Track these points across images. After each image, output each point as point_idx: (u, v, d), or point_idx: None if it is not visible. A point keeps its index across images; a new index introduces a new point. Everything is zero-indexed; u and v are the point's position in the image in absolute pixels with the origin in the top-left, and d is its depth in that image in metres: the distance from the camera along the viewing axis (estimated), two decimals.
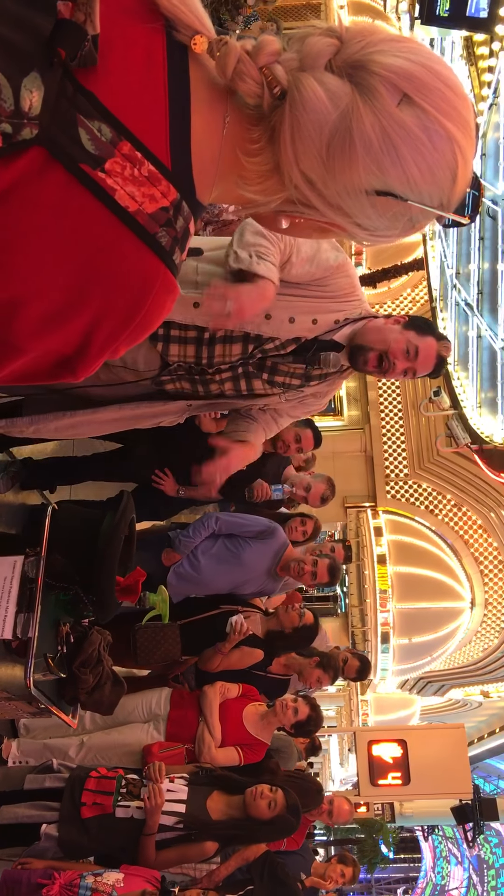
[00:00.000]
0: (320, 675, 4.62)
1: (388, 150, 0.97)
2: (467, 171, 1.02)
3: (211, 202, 1.10)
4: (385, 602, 14.82)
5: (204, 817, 3.57)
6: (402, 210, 1.02)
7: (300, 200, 1.05)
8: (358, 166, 0.98)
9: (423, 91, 0.97)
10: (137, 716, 4.21)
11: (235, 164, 1.04)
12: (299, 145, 0.99)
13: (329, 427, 16.51)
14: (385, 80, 0.97)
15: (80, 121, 0.90)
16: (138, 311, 1.00)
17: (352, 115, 0.97)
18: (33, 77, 0.86)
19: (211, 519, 4.61)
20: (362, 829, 29.54)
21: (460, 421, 13.55)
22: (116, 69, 0.94)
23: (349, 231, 1.08)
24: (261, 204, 1.07)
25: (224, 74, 0.99)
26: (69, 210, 0.91)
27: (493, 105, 11.85)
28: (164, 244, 0.98)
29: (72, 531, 2.88)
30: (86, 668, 2.95)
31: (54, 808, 3.50)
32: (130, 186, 0.94)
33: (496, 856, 33.61)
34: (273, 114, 1.00)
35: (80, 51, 0.89)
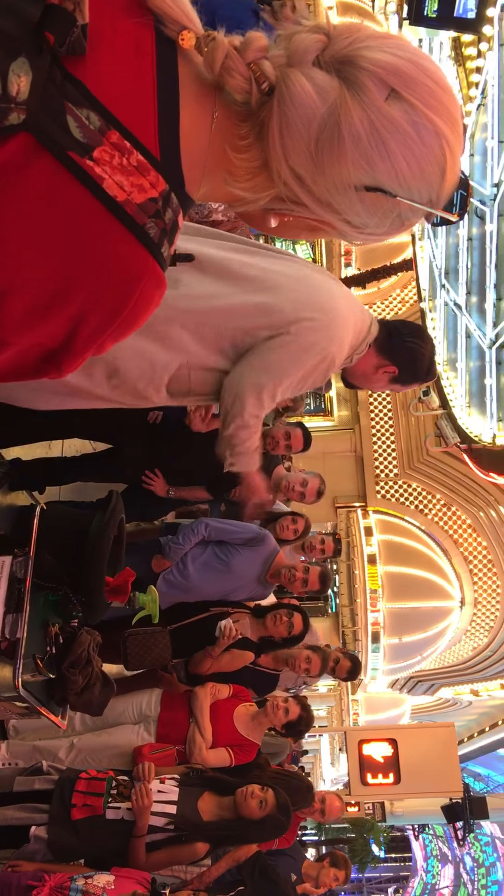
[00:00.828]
0: (309, 655, 4.61)
1: (376, 144, 0.97)
2: (455, 167, 1.02)
3: (199, 200, 1.08)
4: (375, 602, 14.85)
5: (195, 818, 3.56)
6: (392, 206, 1.02)
7: (289, 197, 1.04)
8: (347, 161, 0.98)
9: (411, 86, 0.97)
10: (128, 717, 4.20)
11: (224, 160, 1.03)
12: (288, 140, 0.99)
13: (319, 427, 16.53)
14: (373, 75, 0.97)
15: (69, 108, 0.89)
16: (125, 304, 0.98)
17: (340, 109, 0.96)
18: (21, 62, 0.85)
19: (200, 525, 4.59)
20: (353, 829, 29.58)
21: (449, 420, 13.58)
22: (105, 59, 0.93)
23: (339, 228, 1.07)
24: (250, 201, 1.06)
25: (212, 70, 0.99)
26: (56, 198, 0.90)
27: (481, 106, 11.89)
28: (152, 236, 0.96)
29: (60, 531, 2.87)
30: (75, 668, 2.93)
31: (44, 811, 3.48)
32: (119, 175, 0.92)
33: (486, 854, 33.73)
34: (261, 109, 1.00)
35: (69, 37, 0.88)
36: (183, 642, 4.28)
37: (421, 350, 2.64)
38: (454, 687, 15.97)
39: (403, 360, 2.59)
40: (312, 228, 1.11)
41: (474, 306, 12.67)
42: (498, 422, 11.85)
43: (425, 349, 2.65)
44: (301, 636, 4.69)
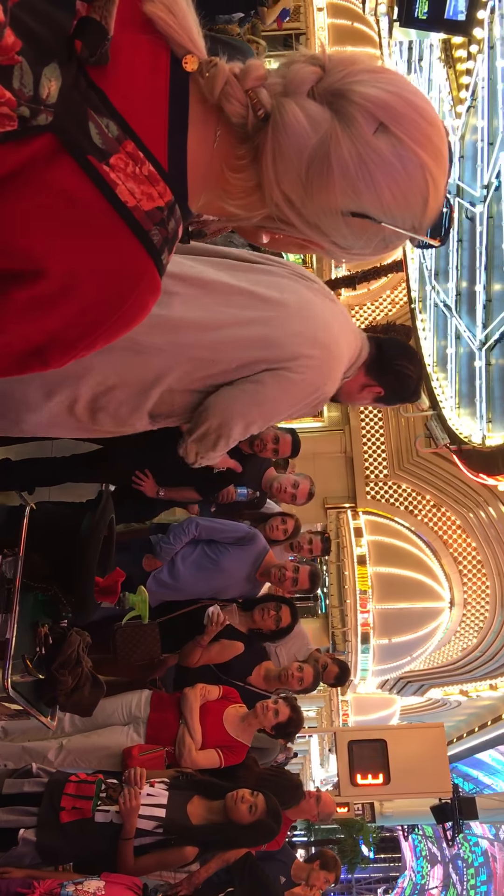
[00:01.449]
0: (301, 666, 4.63)
1: (363, 175, 1.03)
2: (438, 197, 1.09)
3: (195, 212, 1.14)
4: (365, 602, 14.86)
5: (184, 822, 3.55)
6: (377, 231, 1.09)
7: (280, 218, 1.11)
8: (335, 189, 1.05)
9: (399, 120, 1.03)
10: (117, 718, 4.19)
11: (221, 177, 1.10)
12: (280, 166, 1.06)
13: (309, 428, 16.53)
14: (363, 109, 1.03)
15: (91, 115, 0.95)
16: (121, 305, 1.03)
17: (330, 140, 1.03)
18: (53, 67, 0.91)
19: (191, 524, 4.60)
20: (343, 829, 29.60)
21: (439, 422, 13.61)
22: (124, 72, 0.99)
23: (326, 248, 1.14)
24: (242, 218, 1.14)
25: (212, 94, 1.05)
26: (72, 197, 0.95)
27: (470, 108, 11.94)
28: (155, 242, 1.02)
29: (50, 532, 2.85)
30: (64, 669, 2.92)
31: (33, 814, 3.46)
32: (131, 183, 0.98)
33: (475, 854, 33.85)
34: (257, 134, 1.07)
35: (100, 48, 0.94)
36: (172, 637, 4.28)
37: (408, 373, 2.61)
38: (444, 688, 16.00)
39: (390, 382, 2.57)
40: (302, 246, 1.18)
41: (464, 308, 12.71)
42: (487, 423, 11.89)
43: (412, 372, 2.62)
44: (289, 629, 4.71)
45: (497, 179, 10.77)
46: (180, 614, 4.45)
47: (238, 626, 4.60)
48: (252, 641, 4.71)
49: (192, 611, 4.48)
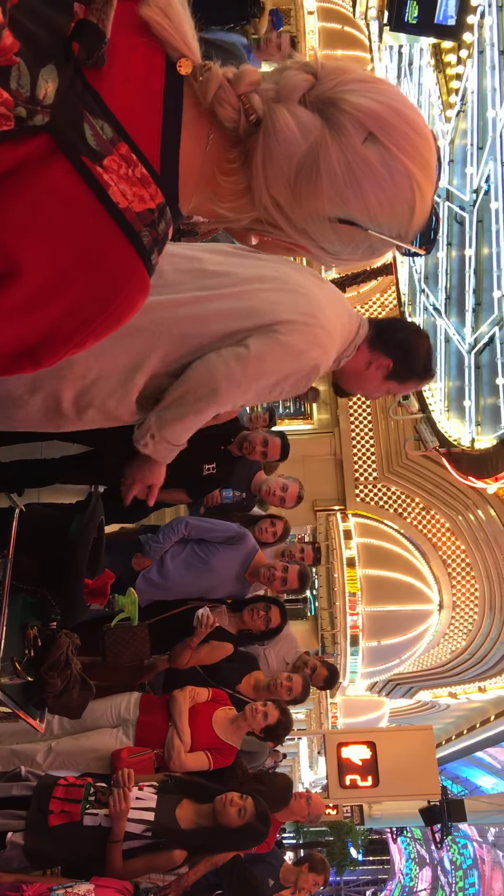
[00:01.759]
0: (290, 676, 4.64)
1: (350, 183, 1.05)
2: (425, 206, 1.11)
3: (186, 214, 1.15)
4: (354, 605, 14.87)
5: (173, 826, 3.54)
6: (363, 238, 1.11)
7: (268, 221, 1.13)
8: (322, 196, 1.07)
9: (388, 130, 1.05)
10: (106, 721, 4.17)
11: (212, 180, 1.11)
12: (269, 171, 1.08)
13: (299, 431, 16.55)
14: (353, 118, 1.05)
15: (86, 116, 0.97)
16: (110, 303, 1.04)
17: (320, 148, 1.05)
18: (50, 69, 0.93)
19: (180, 524, 4.60)
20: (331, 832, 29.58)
21: (428, 424, 13.65)
22: (119, 74, 1.00)
23: (313, 252, 1.16)
24: (232, 220, 1.16)
25: (205, 98, 1.07)
26: (65, 197, 0.97)
27: (460, 112, 11.99)
28: (145, 243, 1.03)
29: (40, 533, 2.84)
30: (53, 671, 2.90)
31: (21, 817, 3.45)
32: (123, 185, 0.99)
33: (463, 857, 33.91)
34: (248, 139, 1.09)
35: (98, 51, 0.96)
36: (161, 638, 4.27)
37: (415, 341, 2.49)
38: (432, 690, 16.04)
39: (397, 352, 2.44)
40: (290, 249, 1.20)
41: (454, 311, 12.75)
42: (476, 426, 11.93)
43: (420, 341, 2.50)
44: (279, 629, 4.71)
45: (486, 184, 10.82)
46: (170, 616, 4.44)
47: (227, 628, 4.60)
48: (241, 642, 4.71)
49: (181, 612, 4.47)
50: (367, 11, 14.98)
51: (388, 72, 15.34)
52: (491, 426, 11.46)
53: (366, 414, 16.03)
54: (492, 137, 10.58)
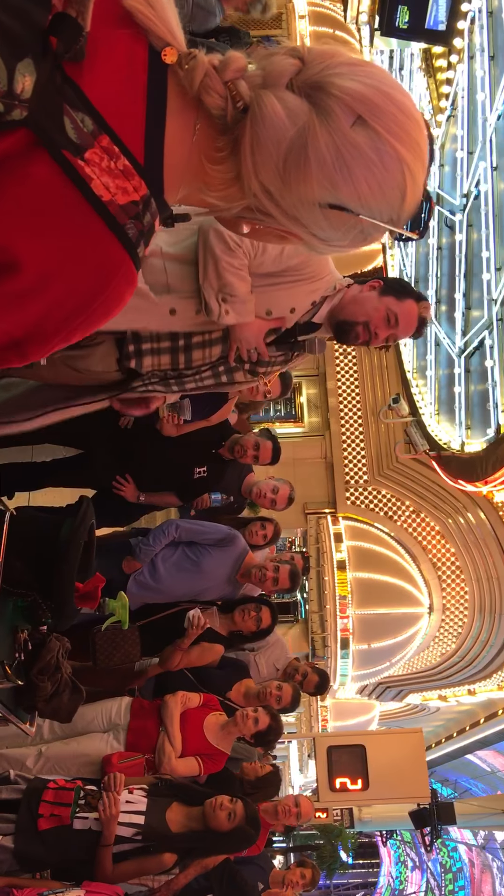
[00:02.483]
0: (280, 685, 4.63)
1: (340, 167, 1.03)
2: (416, 190, 1.09)
3: (175, 204, 1.14)
4: (345, 608, 14.89)
5: (163, 829, 3.53)
6: (354, 223, 1.08)
7: (259, 209, 1.11)
8: (312, 181, 1.04)
9: (377, 114, 1.03)
10: (97, 725, 4.16)
11: (200, 170, 1.09)
12: (258, 157, 1.05)
13: (289, 434, 16.57)
14: (341, 102, 1.03)
15: (66, 110, 0.96)
16: (97, 297, 1.03)
17: (308, 132, 1.03)
18: (27, 63, 0.92)
19: (171, 526, 4.60)
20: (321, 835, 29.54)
21: (419, 428, 13.70)
22: (100, 66, 0.99)
23: (305, 239, 1.14)
24: (222, 209, 1.14)
25: (191, 87, 1.05)
26: (48, 191, 0.96)
27: (451, 117, 12.05)
28: (130, 236, 1.02)
29: (30, 537, 2.84)
30: (44, 675, 2.90)
31: (10, 820, 3.44)
32: (106, 177, 0.98)
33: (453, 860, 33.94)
34: (236, 126, 1.06)
35: (76, 44, 0.94)
36: (152, 641, 4.26)
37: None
38: (422, 693, 16.06)
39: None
40: (281, 236, 1.17)
41: (444, 315, 12.80)
42: (466, 429, 11.98)
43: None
44: (269, 630, 4.71)
45: (476, 188, 10.88)
46: (160, 618, 4.44)
47: (218, 629, 4.60)
48: (233, 644, 4.70)
49: (172, 614, 4.47)
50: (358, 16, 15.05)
51: None
52: (480, 430, 11.51)
53: (356, 417, 16.07)
54: (482, 142, 10.63)
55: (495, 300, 10.50)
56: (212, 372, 2.47)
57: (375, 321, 2.58)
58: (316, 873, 5.11)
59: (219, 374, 2.49)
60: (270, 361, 2.52)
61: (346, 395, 16.34)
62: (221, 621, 4.66)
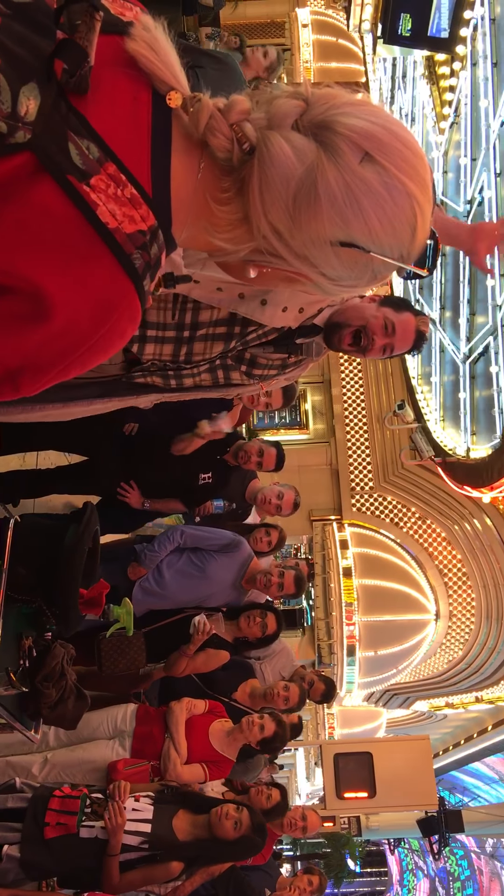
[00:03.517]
0: (287, 685, 4.62)
1: (351, 203, 1.03)
2: (425, 225, 1.08)
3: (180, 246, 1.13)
4: (351, 615, 14.85)
5: (170, 837, 3.52)
6: (365, 261, 1.08)
7: (268, 250, 1.10)
8: (323, 218, 1.04)
9: (384, 150, 1.03)
10: (102, 732, 4.15)
11: (206, 210, 1.09)
12: (267, 197, 1.05)
13: (295, 440, 16.57)
14: (348, 140, 1.03)
15: (71, 136, 0.95)
16: (97, 330, 1.01)
17: (317, 170, 1.03)
18: (32, 87, 0.92)
19: (176, 532, 4.60)
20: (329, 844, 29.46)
21: (424, 434, 13.69)
22: (105, 101, 0.99)
23: (315, 280, 1.13)
24: (230, 252, 1.12)
25: (197, 129, 1.06)
26: (52, 215, 0.94)
27: (454, 124, 12.07)
28: (137, 267, 1.00)
29: (35, 544, 2.84)
30: (48, 682, 2.89)
31: (17, 829, 3.43)
32: (112, 204, 0.97)
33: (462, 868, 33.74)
34: (242, 167, 1.07)
35: (80, 70, 0.95)
36: (157, 647, 4.26)
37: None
38: (429, 700, 16.00)
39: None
40: (290, 279, 1.17)
41: (448, 321, 12.80)
42: (472, 435, 11.97)
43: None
44: (275, 636, 4.70)
45: (480, 195, 10.88)
46: (166, 624, 4.43)
47: (224, 635, 4.59)
48: (238, 650, 4.69)
49: (177, 620, 4.46)
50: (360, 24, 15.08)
51: (382, 84, 15.45)
52: (486, 435, 11.49)
53: (362, 423, 16.06)
54: (485, 148, 10.65)
55: (500, 306, 10.50)
56: (209, 367, 2.46)
57: (372, 327, 2.57)
58: (323, 880, 5.09)
59: (215, 369, 2.48)
60: (267, 364, 2.50)
61: (351, 401, 16.33)
62: (227, 628, 4.66)
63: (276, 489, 5.29)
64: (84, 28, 0.97)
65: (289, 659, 5.47)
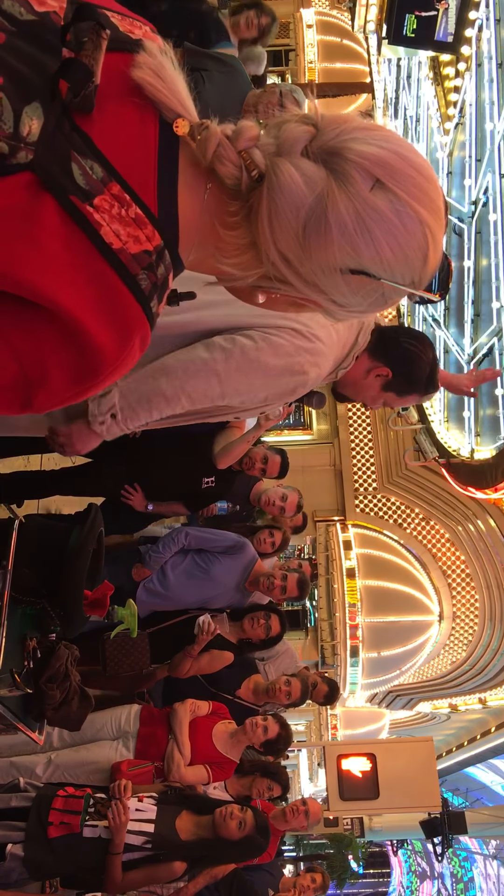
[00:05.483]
0: (288, 680, 4.62)
1: (361, 231, 1.01)
2: (437, 252, 1.07)
3: (187, 268, 1.11)
4: (354, 616, 14.84)
5: (173, 837, 3.53)
6: (376, 287, 1.06)
7: (276, 277, 1.09)
8: (333, 247, 1.02)
9: (395, 177, 1.02)
10: (106, 733, 4.16)
11: (213, 234, 1.08)
12: (276, 225, 1.03)
13: (298, 441, 16.57)
14: (359, 166, 1.02)
15: (74, 156, 0.94)
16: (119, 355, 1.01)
17: (327, 198, 1.01)
18: (35, 106, 0.91)
19: (180, 534, 4.61)
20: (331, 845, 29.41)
21: (428, 435, 13.67)
22: (110, 121, 0.98)
23: (324, 306, 1.12)
24: (238, 278, 1.11)
25: (204, 157, 1.04)
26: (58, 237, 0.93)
27: (458, 124, 12.05)
28: (143, 287, 0.99)
29: (39, 545, 2.85)
30: (52, 683, 2.90)
31: (20, 828, 3.44)
32: (116, 224, 0.96)
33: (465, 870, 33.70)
34: (251, 194, 1.05)
35: (84, 89, 0.93)
36: (161, 648, 4.27)
37: (418, 352, 2.36)
38: (433, 701, 15.98)
39: (397, 361, 2.31)
40: (298, 304, 1.15)
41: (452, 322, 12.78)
42: (476, 436, 11.95)
43: (424, 352, 2.38)
44: (279, 637, 4.71)
45: (485, 196, 10.87)
46: (170, 625, 4.44)
47: (227, 636, 4.60)
48: (242, 651, 4.70)
49: (181, 621, 4.47)
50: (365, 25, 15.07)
51: (386, 84, 15.44)
52: (490, 436, 11.47)
53: (365, 424, 16.04)
54: (490, 149, 10.63)
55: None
56: None
57: (370, 404, 2.49)
58: (326, 878, 5.10)
59: None
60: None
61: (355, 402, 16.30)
62: (231, 629, 4.67)
63: (279, 491, 5.30)
64: (90, 46, 0.95)
65: (292, 660, 5.48)
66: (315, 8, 19.33)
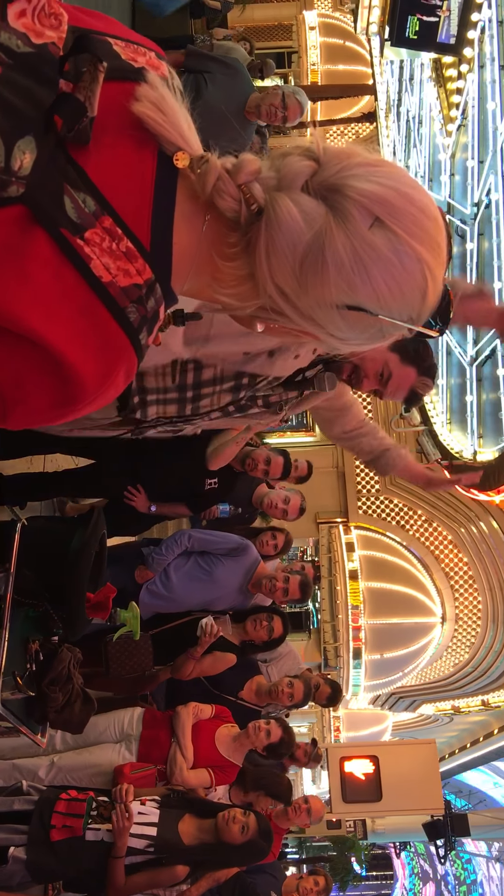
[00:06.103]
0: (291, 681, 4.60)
1: (358, 270, 1.01)
2: (437, 289, 1.07)
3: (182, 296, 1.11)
4: (357, 617, 14.83)
5: (175, 841, 3.52)
6: (373, 322, 1.06)
7: (273, 309, 1.09)
8: (330, 284, 1.02)
9: (395, 215, 1.01)
10: (109, 736, 4.16)
11: (210, 264, 1.08)
12: (273, 260, 1.03)
13: (301, 443, 16.56)
14: (358, 204, 1.01)
15: (67, 189, 0.94)
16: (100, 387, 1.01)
17: (325, 236, 1.01)
18: (28, 140, 0.91)
19: (183, 536, 4.61)
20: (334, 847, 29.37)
21: (430, 437, 13.66)
22: (107, 153, 0.98)
23: (321, 338, 1.12)
24: (235, 308, 1.11)
25: (203, 190, 1.04)
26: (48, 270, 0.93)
27: (461, 126, 12.05)
28: (132, 320, 0.99)
29: (42, 547, 2.85)
30: (55, 685, 2.90)
31: (23, 832, 3.43)
32: (106, 258, 0.96)
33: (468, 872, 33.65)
34: (250, 227, 1.05)
35: (78, 124, 0.93)
36: (164, 649, 4.27)
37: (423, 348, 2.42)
38: (435, 703, 15.96)
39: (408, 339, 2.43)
40: (296, 335, 1.15)
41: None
42: (478, 438, 11.94)
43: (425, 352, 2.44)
44: (281, 639, 4.71)
45: (487, 197, 10.87)
46: (172, 627, 4.44)
47: (230, 638, 4.60)
48: (244, 653, 4.70)
49: (184, 623, 4.47)
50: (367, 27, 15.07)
51: (389, 86, 15.44)
52: (493, 438, 11.47)
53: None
54: (492, 151, 10.63)
55: None
56: (221, 413, 2.40)
57: (366, 369, 2.46)
58: (329, 881, 5.08)
59: (229, 413, 2.42)
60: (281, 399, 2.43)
61: None
62: (233, 630, 4.67)
63: (282, 494, 5.31)
64: (88, 78, 0.95)
65: (295, 662, 5.47)
66: (318, 10, 19.35)
